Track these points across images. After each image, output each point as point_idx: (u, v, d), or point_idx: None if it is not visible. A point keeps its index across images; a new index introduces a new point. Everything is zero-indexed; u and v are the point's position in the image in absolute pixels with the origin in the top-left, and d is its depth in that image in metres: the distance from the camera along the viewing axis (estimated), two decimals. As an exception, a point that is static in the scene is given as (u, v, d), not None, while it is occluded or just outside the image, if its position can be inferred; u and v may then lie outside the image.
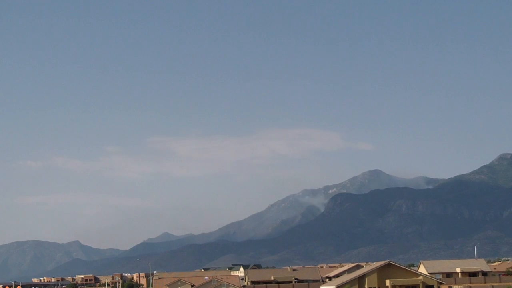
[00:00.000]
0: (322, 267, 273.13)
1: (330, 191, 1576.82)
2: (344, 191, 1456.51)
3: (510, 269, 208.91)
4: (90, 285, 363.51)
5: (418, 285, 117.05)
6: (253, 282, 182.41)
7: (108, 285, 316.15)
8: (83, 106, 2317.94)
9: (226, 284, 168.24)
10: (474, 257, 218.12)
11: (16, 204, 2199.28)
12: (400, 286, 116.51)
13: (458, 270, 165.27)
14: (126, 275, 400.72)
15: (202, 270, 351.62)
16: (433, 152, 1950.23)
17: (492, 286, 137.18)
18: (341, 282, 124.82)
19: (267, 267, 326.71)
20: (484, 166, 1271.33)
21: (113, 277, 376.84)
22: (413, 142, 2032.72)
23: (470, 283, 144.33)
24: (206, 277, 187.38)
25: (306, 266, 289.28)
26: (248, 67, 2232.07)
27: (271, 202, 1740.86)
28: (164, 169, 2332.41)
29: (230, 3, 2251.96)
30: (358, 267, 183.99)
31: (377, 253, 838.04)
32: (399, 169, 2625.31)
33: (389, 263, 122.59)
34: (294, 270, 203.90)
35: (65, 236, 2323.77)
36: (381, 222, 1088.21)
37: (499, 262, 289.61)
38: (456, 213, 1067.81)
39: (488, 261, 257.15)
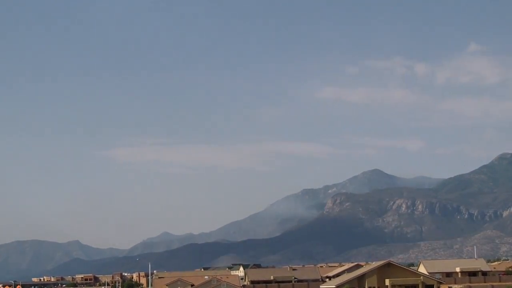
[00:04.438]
0: (321, 266, 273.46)
1: (330, 191, 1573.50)
2: (344, 190, 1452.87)
3: (510, 269, 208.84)
4: (90, 284, 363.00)
5: (418, 284, 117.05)
6: (252, 282, 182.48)
7: (108, 284, 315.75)
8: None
9: (226, 284, 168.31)
10: (474, 257, 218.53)
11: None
12: (400, 285, 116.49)
13: (457, 269, 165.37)
14: (126, 274, 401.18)
15: (202, 269, 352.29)
16: (433, 152, 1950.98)
17: (492, 285, 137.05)
18: (341, 281, 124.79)
19: (267, 267, 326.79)
20: (484, 166, 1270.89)
21: (113, 276, 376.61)
22: (413, 142, 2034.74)
23: (470, 282, 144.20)
24: (206, 277, 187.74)
25: (305, 266, 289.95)
26: (247, 68, 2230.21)
27: (271, 202, 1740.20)
28: (164, 169, 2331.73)
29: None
30: (357, 266, 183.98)
31: (377, 253, 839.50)
32: (399, 169, 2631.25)
33: (389, 262, 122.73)
34: (293, 269, 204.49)
35: (65, 235, 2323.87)
36: (380, 222, 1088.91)
37: (499, 262, 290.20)
38: (456, 212, 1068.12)
39: (488, 261, 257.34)
